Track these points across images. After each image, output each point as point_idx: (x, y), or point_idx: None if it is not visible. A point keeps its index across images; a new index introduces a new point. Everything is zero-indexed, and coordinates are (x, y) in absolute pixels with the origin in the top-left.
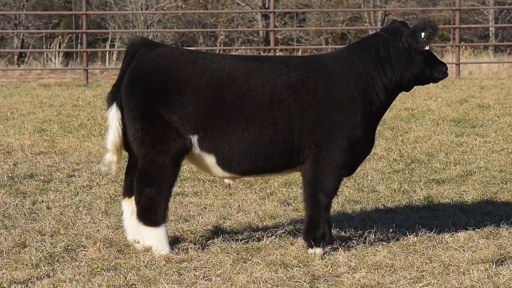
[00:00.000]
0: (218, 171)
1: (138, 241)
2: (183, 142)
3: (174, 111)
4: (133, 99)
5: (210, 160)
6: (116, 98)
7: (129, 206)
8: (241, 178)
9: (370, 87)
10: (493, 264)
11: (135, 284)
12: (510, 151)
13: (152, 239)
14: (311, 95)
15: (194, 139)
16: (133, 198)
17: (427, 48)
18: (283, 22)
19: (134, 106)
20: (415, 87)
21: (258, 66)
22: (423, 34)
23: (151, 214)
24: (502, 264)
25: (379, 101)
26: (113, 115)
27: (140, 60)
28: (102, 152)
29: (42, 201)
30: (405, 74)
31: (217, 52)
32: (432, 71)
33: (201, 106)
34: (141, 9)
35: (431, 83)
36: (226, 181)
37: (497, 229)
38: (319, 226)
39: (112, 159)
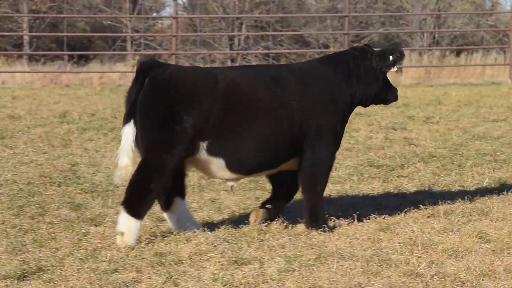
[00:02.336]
0: (225, 173)
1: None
2: (191, 148)
3: (188, 121)
4: (150, 110)
5: (218, 163)
6: (133, 116)
7: (173, 216)
8: (244, 178)
9: (344, 94)
10: (15, 280)
11: None
12: (39, 163)
13: (128, 228)
14: (307, 98)
15: (203, 145)
16: (172, 208)
17: (394, 69)
18: None
19: (150, 116)
20: None
21: (260, 73)
22: (391, 57)
23: (138, 207)
24: (24, 280)
25: (348, 108)
26: (129, 130)
27: (156, 78)
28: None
29: None
30: (368, 90)
31: None
32: (388, 92)
33: (212, 115)
34: None
35: (381, 105)
36: (229, 183)
37: (22, 243)
38: (321, 214)
39: (126, 173)
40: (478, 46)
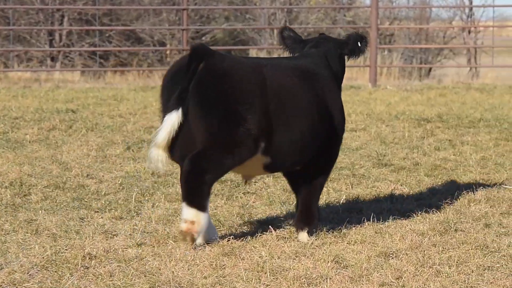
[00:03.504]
0: (263, 170)
1: None
2: (254, 149)
3: (252, 120)
4: (213, 106)
5: (265, 161)
6: (183, 103)
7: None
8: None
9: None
10: None
11: None
12: None
13: (198, 219)
14: (327, 95)
15: (263, 144)
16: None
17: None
18: None
19: (214, 111)
20: None
21: (296, 65)
22: (359, 43)
23: (199, 197)
24: None
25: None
26: (176, 118)
27: (213, 69)
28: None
29: None
30: (343, 76)
31: None
32: None
33: (270, 108)
34: None
35: None
36: (248, 179)
37: None
38: (316, 216)
39: (160, 156)
40: None
